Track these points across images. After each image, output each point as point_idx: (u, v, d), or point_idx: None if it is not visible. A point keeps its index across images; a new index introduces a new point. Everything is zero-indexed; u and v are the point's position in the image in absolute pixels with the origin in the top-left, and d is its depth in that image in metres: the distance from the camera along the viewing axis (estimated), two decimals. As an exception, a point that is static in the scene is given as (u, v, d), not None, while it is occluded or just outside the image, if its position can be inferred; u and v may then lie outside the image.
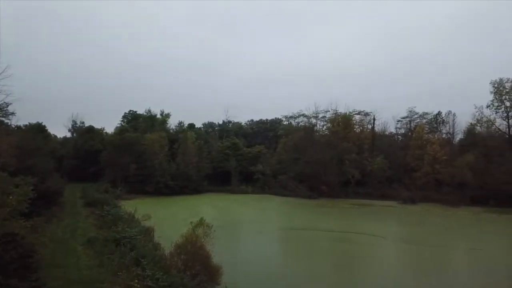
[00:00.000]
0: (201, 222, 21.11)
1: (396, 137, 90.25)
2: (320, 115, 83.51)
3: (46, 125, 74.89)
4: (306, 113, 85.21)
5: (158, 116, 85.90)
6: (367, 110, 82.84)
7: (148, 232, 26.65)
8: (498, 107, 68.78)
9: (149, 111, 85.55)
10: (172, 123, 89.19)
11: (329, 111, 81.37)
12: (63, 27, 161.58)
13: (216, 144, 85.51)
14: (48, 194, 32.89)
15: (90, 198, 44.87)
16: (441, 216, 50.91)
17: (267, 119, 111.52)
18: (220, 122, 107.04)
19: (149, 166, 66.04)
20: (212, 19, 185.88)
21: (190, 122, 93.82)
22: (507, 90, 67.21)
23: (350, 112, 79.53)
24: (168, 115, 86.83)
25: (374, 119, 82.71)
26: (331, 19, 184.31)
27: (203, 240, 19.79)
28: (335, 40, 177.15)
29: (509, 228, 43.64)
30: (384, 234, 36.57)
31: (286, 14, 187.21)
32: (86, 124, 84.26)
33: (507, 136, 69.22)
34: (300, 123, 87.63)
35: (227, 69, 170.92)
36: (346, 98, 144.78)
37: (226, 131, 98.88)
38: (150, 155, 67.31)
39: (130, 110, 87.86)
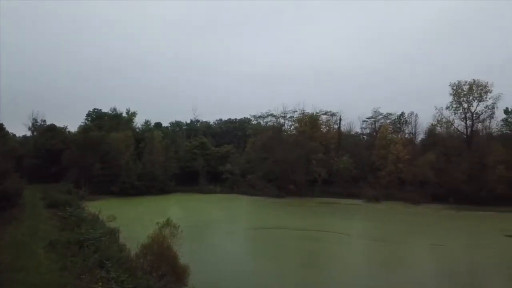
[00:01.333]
0: (168, 223, 20.87)
1: (361, 137, 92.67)
2: (288, 115, 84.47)
3: (4, 124, 71.45)
4: (275, 113, 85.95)
5: (124, 114, 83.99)
6: (334, 110, 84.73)
7: (113, 234, 26.04)
8: (457, 109, 72.00)
9: (115, 109, 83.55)
10: (138, 122, 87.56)
11: (296, 111, 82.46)
12: (23, 22, 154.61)
13: (183, 144, 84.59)
14: (6, 195, 31.47)
15: (52, 199, 43.17)
16: (403, 214, 52.75)
17: (235, 119, 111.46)
18: (188, 121, 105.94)
19: (115, 166, 64.50)
20: (182, 19, 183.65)
21: (157, 121, 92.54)
22: (465, 92, 70.39)
23: (317, 112, 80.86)
24: (134, 114, 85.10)
25: (340, 119, 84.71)
26: (306, 20, 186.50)
27: (170, 240, 19.56)
28: (308, 41, 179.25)
29: (466, 224, 45.77)
30: (350, 231, 37.47)
31: (262, 13, 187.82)
32: (48, 123, 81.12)
33: (465, 137, 72.52)
34: (269, 123, 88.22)
35: (195, 68, 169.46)
36: (315, 99, 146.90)
37: (194, 131, 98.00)
38: (115, 155, 65.75)
39: (95, 109, 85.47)
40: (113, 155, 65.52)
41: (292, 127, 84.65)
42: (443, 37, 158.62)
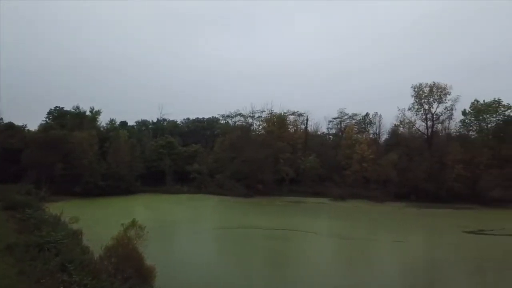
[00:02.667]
0: (133, 223, 20.40)
1: (327, 137, 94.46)
2: (256, 115, 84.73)
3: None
4: (243, 112, 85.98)
5: (88, 113, 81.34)
6: (301, 110, 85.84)
7: (76, 236, 25.22)
8: (418, 110, 74.85)
9: (78, 107, 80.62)
10: (103, 120, 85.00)
11: (264, 111, 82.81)
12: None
13: (150, 143, 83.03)
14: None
15: (10, 200, 41.13)
16: (368, 212, 54.23)
17: (203, 118, 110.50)
18: (154, 120, 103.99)
19: (78, 166, 62.40)
20: (149, 16, 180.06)
21: (122, 120, 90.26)
22: (426, 94, 73.22)
23: (284, 113, 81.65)
24: (98, 112, 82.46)
25: (307, 120, 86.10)
26: (276, 20, 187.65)
27: (135, 242, 19.15)
28: (276, 41, 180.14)
29: (427, 221, 47.63)
30: (316, 230, 38.15)
31: (231, 14, 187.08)
32: (5, 121, 77.34)
33: (425, 137, 75.46)
34: (237, 123, 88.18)
35: (163, 67, 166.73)
36: (283, 99, 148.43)
37: (161, 130, 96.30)
38: (78, 154, 63.59)
39: (56, 107, 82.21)
40: (76, 155, 63.35)
41: (261, 127, 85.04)
42: (406, 41, 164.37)
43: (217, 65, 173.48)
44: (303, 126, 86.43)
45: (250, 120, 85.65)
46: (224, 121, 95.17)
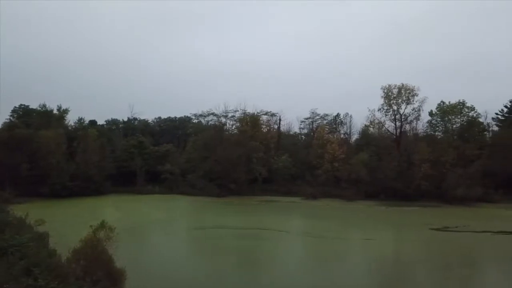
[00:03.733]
0: (102, 225, 19.96)
1: (300, 136, 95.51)
2: (230, 115, 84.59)
3: None
4: (216, 112, 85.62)
5: (55, 111, 78.79)
6: (274, 111, 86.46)
7: (42, 238, 24.38)
8: (387, 111, 76.68)
9: (44, 106, 77.96)
10: (71, 119, 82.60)
11: (238, 110, 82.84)
12: None
13: (120, 143, 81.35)
14: None
15: (-30, 203, 39.47)
16: (339, 210, 55.18)
17: (175, 117, 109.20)
18: (125, 119, 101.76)
19: (44, 166, 60.39)
20: (121, 13, 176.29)
21: (92, 119, 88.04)
22: (395, 95, 75.18)
23: (258, 113, 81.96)
24: (66, 111, 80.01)
25: (280, 120, 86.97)
26: (249, 20, 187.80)
27: (105, 244, 18.75)
28: (250, 41, 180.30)
29: (395, 219, 48.91)
30: (289, 229, 38.51)
31: (205, 13, 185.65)
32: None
33: (394, 137, 77.46)
34: (210, 122, 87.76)
35: (134, 66, 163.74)
36: (256, 99, 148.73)
37: (132, 129, 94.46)
38: (45, 154, 61.54)
39: (21, 105, 79.33)
40: (42, 155, 61.28)
41: (234, 126, 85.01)
42: (377, 43, 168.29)
43: (190, 64, 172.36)
44: (276, 126, 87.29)
45: (223, 120, 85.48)
46: (196, 121, 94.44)
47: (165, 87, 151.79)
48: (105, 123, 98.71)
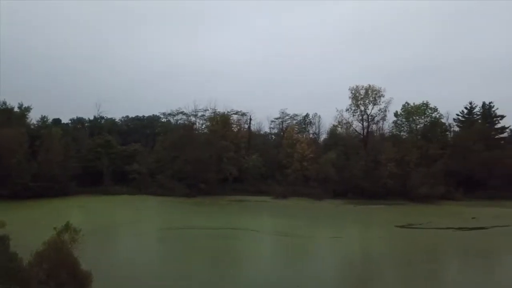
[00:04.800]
0: (67, 227, 19.28)
1: (270, 136, 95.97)
2: (199, 114, 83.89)
3: None
4: (185, 111, 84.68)
5: (16, 109, 75.48)
6: (245, 110, 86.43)
7: (1, 242, 23.31)
8: (355, 111, 78.53)
9: (4, 103, 74.44)
10: (34, 117, 79.41)
11: (208, 109, 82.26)
12: None
13: (86, 142, 78.91)
14: None
15: None
16: (308, 209, 55.90)
17: (143, 116, 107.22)
18: (91, 118, 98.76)
19: (5, 166, 57.59)
20: (88, 11, 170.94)
21: (55, 117, 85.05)
22: (362, 96, 76.99)
23: (228, 112, 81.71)
24: (28, 109, 76.81)
25: (250, 119, 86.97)
26: (220, 19, 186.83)
27: (69, 246, 18.13)
28: (221, 40, 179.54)
29: (362, 217, 50.15)
30: (258, 228, 38.60)
31: (175, 12, 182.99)
32: None
33: (361, 137, 79.34)
34: (179, 121, 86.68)
35: (101, 64, 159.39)
36: (226, 98, 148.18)
37: (98, 128, 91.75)
38: (5, 153, 58.71)
39: (-21, 102, 75.53)
40: (2, 154, 58.52)
41: (204, 125, 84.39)
42: (346, 44, 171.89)
43: (159, 63, 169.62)
44: (246, 126, 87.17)
45: (193, 119, 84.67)
46: (165, 120, 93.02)
47: (133, 85, 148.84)
48: (70, 121, 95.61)
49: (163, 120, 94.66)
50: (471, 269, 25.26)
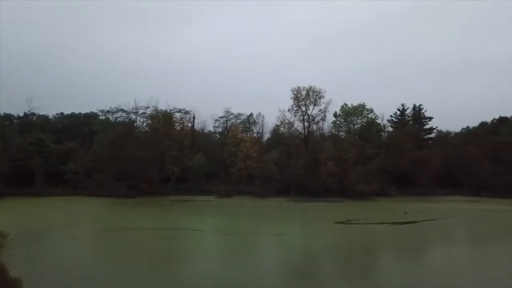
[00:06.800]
0: (-6, 232, 17.97)
1: (214, 135, 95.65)
2: (140, 111, 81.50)
3: None
4: (125, 108, 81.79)
5: None
6: (188, 108, 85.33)
7: None
8: (296, 111, 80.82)
9: None
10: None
11: (149, 107, 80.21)
12: None
13: (15, 140, 73.39)
14: None
15: None
16: (252, 207, 56.56)
17: (80, 113, 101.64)
18: (21, 115, 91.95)
19: None
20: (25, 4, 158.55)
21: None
22: (303, 97, 79.35)
23: (170, 110, 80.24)
24: None
25: (194, 118, 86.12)
26: (166, 19, 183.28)
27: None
28: (165, 40, 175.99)
29: (303, 214, 51.67)
30: (202, 227, 38.34)
31: (119, 8, 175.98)
32: None
33: (303, 136, 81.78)
34: (119, 119, 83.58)
35: (32, 56, 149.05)
36: (169, 96, 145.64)
37: (29, 125, 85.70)
38: None
39: None
40: None
41: (145, 123, 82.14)
42: (288, 46, 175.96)
43: (96, 58, 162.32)
44: (190, 124, 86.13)
45: (133, 117, 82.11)
46: (104, 117, 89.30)
47: (68, 81, 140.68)
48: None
49: (101, 118, 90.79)
50: (405, 260, 26.98)
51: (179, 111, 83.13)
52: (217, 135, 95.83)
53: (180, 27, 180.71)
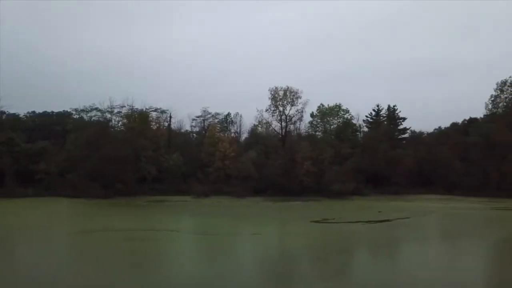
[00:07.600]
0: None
1: (191, 134, 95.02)
2: (116, 110, 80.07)
3: None
4: (100, 107, 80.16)
5: None
6: (164, 107, 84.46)
7: None
8: (274, 111, 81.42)
9: None
10: None
11: (125, 106, 78.90)
12: None
13: (-16, 140, 70.80)
14: None
15: None
16: (229, 207, 56.52)
17: (53, 112, 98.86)
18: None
19: None
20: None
21: None
22: (280, 97, 79.96)
23: (146, 109, 79.26)
24: None
25: (170, 117, 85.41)
26: (145, 16, 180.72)
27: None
28: (144, 39, 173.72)
29: (281, 213, 52.02)
30: (179, 228, 38.11)
31: (96, 5, 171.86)
32: None
33: (280, 136, 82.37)
34: (93, 118, 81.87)
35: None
36: (145, 95, 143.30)
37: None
38: None
39: None
40: None
41: (120, 123, 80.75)
42: (266, 47, 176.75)
43: (71, 56, 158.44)
44: (166, 124, 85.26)
45: (109, 116, 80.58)
46: (77, 116, 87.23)
47: (39, 79, 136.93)
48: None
49: (75, 117, 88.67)
50: (380, 258, 27.59)
51: (155, 110, 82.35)
52: (194, 134, 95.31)
53: (160, 27, 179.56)
